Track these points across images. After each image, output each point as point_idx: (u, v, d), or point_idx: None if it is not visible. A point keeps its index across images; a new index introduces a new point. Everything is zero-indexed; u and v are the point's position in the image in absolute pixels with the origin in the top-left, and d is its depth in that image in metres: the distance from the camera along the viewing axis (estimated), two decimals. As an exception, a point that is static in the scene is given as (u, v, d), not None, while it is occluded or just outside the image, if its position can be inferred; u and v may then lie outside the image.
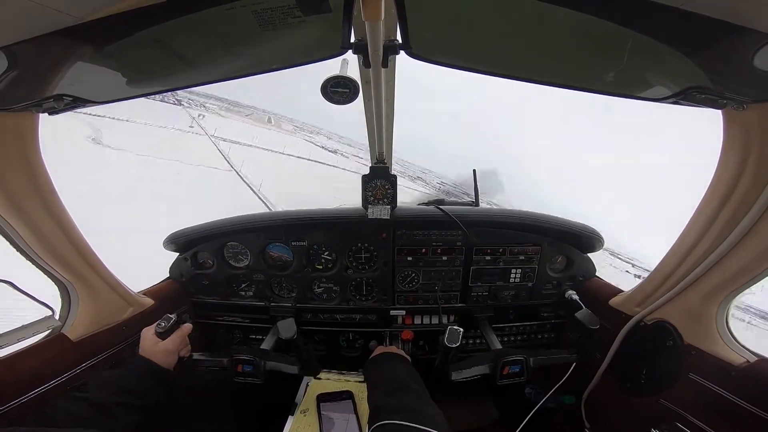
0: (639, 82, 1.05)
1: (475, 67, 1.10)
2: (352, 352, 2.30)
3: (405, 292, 2.10)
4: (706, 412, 1.35)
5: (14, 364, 1.25)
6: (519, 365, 1.59)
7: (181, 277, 2.10)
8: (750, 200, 1.13)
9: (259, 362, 1.55)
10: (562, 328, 2.24)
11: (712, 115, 1.10)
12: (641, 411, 1.58)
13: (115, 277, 1.63)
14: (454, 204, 2.03)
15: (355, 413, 1.53)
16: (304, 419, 1.56)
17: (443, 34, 0.99)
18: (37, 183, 1.22)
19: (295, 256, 2.05)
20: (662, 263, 1.51)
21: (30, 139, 1.16)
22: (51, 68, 0.88)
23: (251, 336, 2.27)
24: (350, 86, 1.14)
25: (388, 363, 1.52)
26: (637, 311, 1.62)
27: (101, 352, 1.53)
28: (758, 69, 0.77)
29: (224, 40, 0.93)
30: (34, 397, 1.25)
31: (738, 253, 1.21)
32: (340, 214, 2.01)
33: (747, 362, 1.27)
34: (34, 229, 1.26)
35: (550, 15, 0.76)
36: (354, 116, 1.63)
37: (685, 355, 1.41)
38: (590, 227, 2.02)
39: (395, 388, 1.27)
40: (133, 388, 1.23)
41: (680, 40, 0.75)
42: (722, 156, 1.19)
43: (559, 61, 1.04)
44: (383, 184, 1.88)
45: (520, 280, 2.06)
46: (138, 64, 1.00)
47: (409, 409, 1.14)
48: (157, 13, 0.72)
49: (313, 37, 0.95)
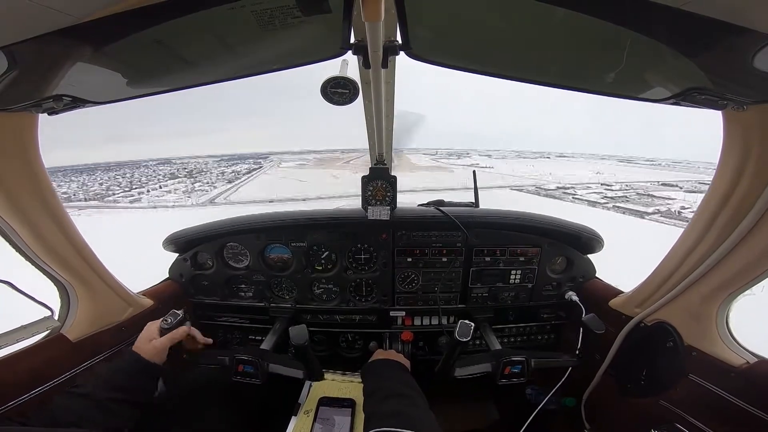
0: (639, 82, 1.04)
1: (474, 67, 1.11)
2: (351, 353, 2.29)
3: (405, 293, 2.10)
4: (705, 413, 1.35)
5: (13, 364, 1.25)
6: (520, 366, 1.60)
7: (181, 278, 2.10)
8: (750, 201, 1.13)
9: (260, 363, 1.55)
10: (562, 329, 2.24)
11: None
12: (641, 412, 1.58)
13: (115, 277, 1.63)
14: (454, 205, 2.03)
15: (351, 422, 1.53)
16: (307, 420, 1.56)
17: (443, 34, 0.99)
18: (36, 183, 1.21)
19: (294, 256, 2.04)
20: (662, 264, 1.51)
21: (30, 139, 1.16)
22: (51, 68, 0.88)
23: (251, 336, 2.27)
24: (350, 87, 1.14)
25: (384, 370, 1.52)
26: (637, 312, 1.62)
27: (100, 353, 1.53)
28: (758, 70, 0.77)
29: (224, 40, 0.93)
30: (34, 397, 1.24)
31: (738, 254, 1.20)
32: (339, 215, 2.01)
33: (747, 363, 1.27)
34: (33, 229, 1.26)
35: (549, 15, 0.76)
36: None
37: (685, 356, 1.41)
38: (590, 228, 2.02)
39: (389, 395, 1.27)
40: (121, 382, 1.22)
41: (680, 40, 0.75)
42: (722, 156, 1.19)
43: (559, 62, 1.04)
44: (383, 185, 1.88)
45: (520, 281, 2.06)
46: (138, 64, 1.00)
47: (401, 414, 1.14)
48: (157, 13, 0.72)
49: (313, 38, 0.95)
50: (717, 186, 1.22)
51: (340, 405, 1.61)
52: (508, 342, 2.23)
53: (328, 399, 1.64)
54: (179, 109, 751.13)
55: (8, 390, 1.20)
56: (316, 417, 1.56)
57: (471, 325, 1.44)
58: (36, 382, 1.27)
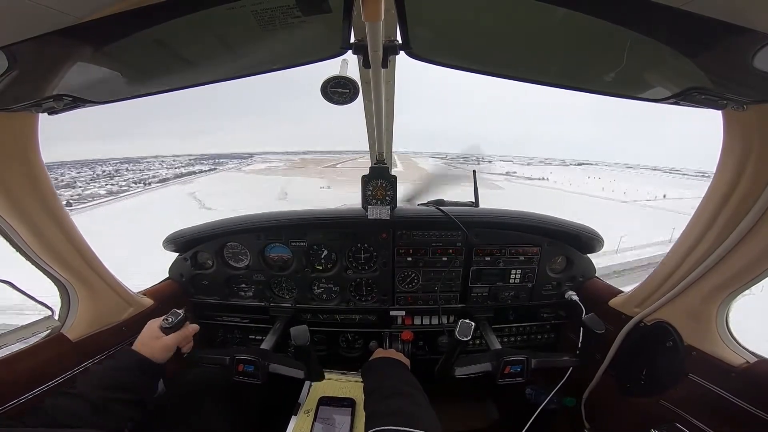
0: (639, 82, 1.04)
1: (474, 67, 1.11)
2: (351, 353, 2.30)
3: (405, 293, 2.10)
4: (705, 413, 1.35)
5: (13, 364, 1.25)
6: (520, 365, 1.60)
7: (181, 278, 2.10)
8: (750, 201, 1.13)
9: (260, 363, 1.55)
10: (562, 329, 2.24)
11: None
12: (641, 411, 1.58)
13: (115, 277, 1.63)
14: (454, 204, 2.03)
15: (351, 421, 1.53)
16: (307, 419, 1.56)
17: (443, 34, 0.99)
18: (36, 183, 1.21)
19: (294, 256, 2.05)
20: (662, 264, 1.51)
21: (30, 139, 1.16)
22: (51, 68, 0.88)
23: (251, 336, 2.27)
24: (350, 86, 1.14)
25: (384, 368, 1.52)
26: (636, 312, 1.62)
27: (101, 352, 1.53)
28: (758, 70, 0.77)
29: (224, 40, 0.93)
30: (34, 396, 1.24)
31: (738, 254, 1.21)
32: (339, 215, 2.01)
33: (747, 363, 1.27)
34: (33, 229, 1.26)
35: (549, 15, 0.76)
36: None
37: (684, 356, 1.41)
38: (589, 228, 2.02)
39: (390, 394, 1.27)
40: (121, 381, 1.21)
41: (680, 40, 0.75)
42: (722, 156, 1.19)
43: (559, 62, 1.04)
44: (383, 184, 1.88)
45: (520, 280, 2.06)
46: (138, 64, 1.00)
47: (402, 412, 1.13)
48: (157, 13, 0.72)
49: (313, 38, 0.95)
50: (717, 186, 1.22)
51: (340, 404, 1.62)
52: (507, 341, 2.23)
53: (328, 398, 1.65)
54: (177, 109, 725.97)
55: (8, 390, 1.20)
56: (316, 416, 1.56)
57: (471, 325, 1.44)
58: (36, 382, 1.27)
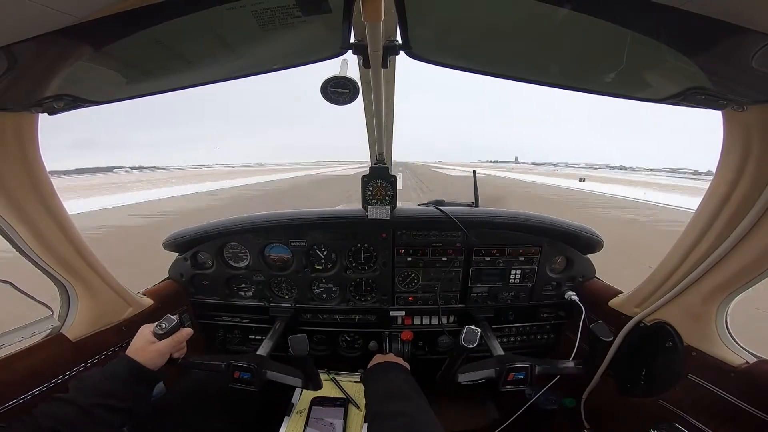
0: (639, 82, 1.04)
1: (474, 67, 1.11)
2: (351, 353, 2.30)
3: (404, 293, 2.10)
4: (705, 413, 1.35)
5: (13, 364, 1.24)
6: (524, 372, 1.56)
7: (181, 278, 2.10)
8: (750, 201, 1.13)
9: (257, 370, 1.51)
10: (562, 329, 2.24)
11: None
12: (640, 412, 1.58)
13: (114, 277, 1.63)
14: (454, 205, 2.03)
15: (344, 421, 1.52)
16: (300, 420, 1.56)
17: (443, 34, 0.99)
18: (36, 183, 1.21)
19: (294, 256, 2.05)
20: (662, 264, 1.51)
21: (30, 139, 1.16)
22: (51, 68, 0.88)
23: (251, 336, 2.27)
24: (350, 87, 1.14)
25: (385, 373, 1.51)
26: (636, 312, 1.62)
27: (100, 353, 1.53)
28: (758, 70, 0.76)
29: (224, 40, 0.93)
30: (33, 397, 1.24)
31: (738, 254, 1.20)
32: (339, 215, 2.01)
33: (746, 363, 1.27)
34: (33, 229, 1.26)
35: (549, 15, 0.76)
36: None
37: (684, 356, 1.41)
38: (589, 228, 2.02)
39: (392, 397, 1.27)
40: (113, 388, 1.16)
41: (680, 40, 0.75)
42: (722, 156, 1.19)
43: (559, 62, 1.04)
44: (383, 185, 1.88)
45: (520, 281, 2.06)
46: (138, 64, 1.00)
47: (405, 415, 1.13)
48: (157, 13, 0.72)
49: (313, 38, 0.95)
50: (717, 186, 1.22)
51: (332, 404, 1.61)
52: (507, 341, 2.23)
53: (321, 399, 1.64)
54: (169, 117, 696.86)
55: (7, 390, 1.19)
56: (309, 417, 1.56)
57: (478, 331, 1.42)
58: (36, 382, 1.27)
